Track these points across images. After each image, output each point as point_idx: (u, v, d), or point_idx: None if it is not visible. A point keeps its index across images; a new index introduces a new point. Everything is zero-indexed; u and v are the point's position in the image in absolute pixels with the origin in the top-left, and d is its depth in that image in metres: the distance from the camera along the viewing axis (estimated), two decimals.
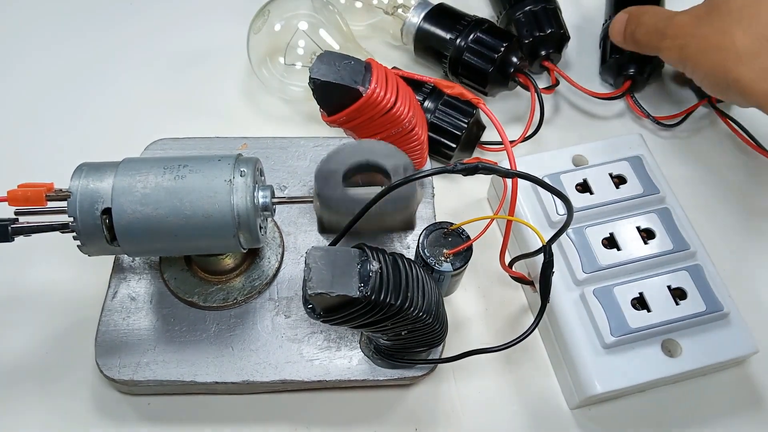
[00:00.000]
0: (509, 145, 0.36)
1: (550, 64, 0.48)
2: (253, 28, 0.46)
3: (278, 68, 0.46)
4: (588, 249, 0.38)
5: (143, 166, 0.32)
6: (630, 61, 0.48)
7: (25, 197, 0.31)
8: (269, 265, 0.38)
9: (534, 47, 0.48)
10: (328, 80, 0.34)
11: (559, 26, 0.48)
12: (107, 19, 0.54)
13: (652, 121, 0.48)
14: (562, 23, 0.49)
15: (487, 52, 0.46)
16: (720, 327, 0.36)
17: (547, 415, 0.37)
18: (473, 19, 0.47)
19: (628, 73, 0.48)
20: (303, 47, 0.46)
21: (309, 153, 0.43)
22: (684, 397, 0.38)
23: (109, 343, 0.36)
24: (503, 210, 0.41)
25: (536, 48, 0.48)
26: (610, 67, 0.49)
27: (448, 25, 0.47)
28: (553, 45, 0.48)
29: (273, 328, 0.37)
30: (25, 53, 0.52)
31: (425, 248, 0.35)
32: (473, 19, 0.47)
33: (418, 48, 0.49)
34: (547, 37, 0.48)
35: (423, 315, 0.30)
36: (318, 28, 0.46)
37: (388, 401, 0.38)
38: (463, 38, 0.46)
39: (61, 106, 0.49)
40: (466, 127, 0.43)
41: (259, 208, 0.32)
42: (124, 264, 0.38)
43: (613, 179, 0.40)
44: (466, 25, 0.46)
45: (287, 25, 0.46)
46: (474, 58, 0.46)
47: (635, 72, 0.48)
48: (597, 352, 0.35)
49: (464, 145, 0.45)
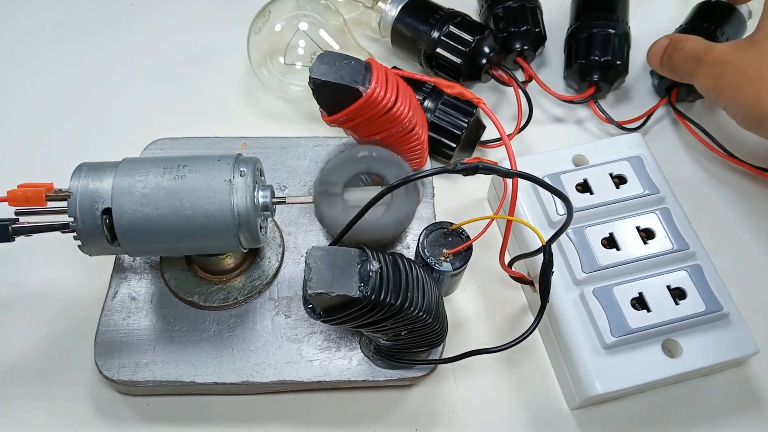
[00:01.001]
0: (510, 145, 0.36)
1: (522, 61, 0.49)
2: (254, 28, 0.46)
3: (278, 68, 0.46)
4: (588, 249, 0.38)
5: (143, 165, 0.32)
6: (595, 67, 0.47)
7: (25, 197, 0.31)
8: (269, 265, 0.38)
9: (508, 42, 0.48)
10: (328, 80, 0.34)
11: (536, 25, 0.49)
12: (107, 19, 0.54)
13: (615, 126, 0.48)
14: (540, 23, 0.49)
15: (459, 45, 0.46)
16: (720, 327, 0.36)
17: (548, 415, 0.37)
18: (447, 12, 0.47)
19: (593, 79, 0.48)
20: (303, 47, 0.46)
21: (309, 153, 0.43)
22: (684, 397, 0.38)
23: (109, 343, 0.36)
24: (503, 210, 0.41)
25: (510, 43, 0.48)
26: (575, 72, 0.49)
27: (423, 18, 0.47)
28: (528, 42, 0.48)
29: (273, 328, 0.37)
30: (26, 54, 0.52)
31: (425, 248, 0.35)
32: (447, 12, 0.47)
33: (395, 41, 0.49)
34: (521, 34, 0.48)
35: (423, 315, 0.30)
36: (318, 28, 0.46)
37: (388, 402, 0.38)
38: (437, 31, 0.46)
39: (61, 107, 0.49)
40: (467, 126, 0.43)
41: (259, 208, 0.32)
42: (124, 264, 0.38)
43: (613, 179, 0.40)
44: (439, 18, 0.47)
45: (288, 25, 0.46)
46: (446, 52, 0.46)
47: (599, 78, 0.47)
48: (597, 353, 0.35)
49: (464, 145, 0.45)
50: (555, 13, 0.53)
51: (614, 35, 0.47)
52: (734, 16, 0.48)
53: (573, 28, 0.50)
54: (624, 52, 0.48)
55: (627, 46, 0.48)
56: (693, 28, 0.48)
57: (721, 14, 0.48)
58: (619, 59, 0.47)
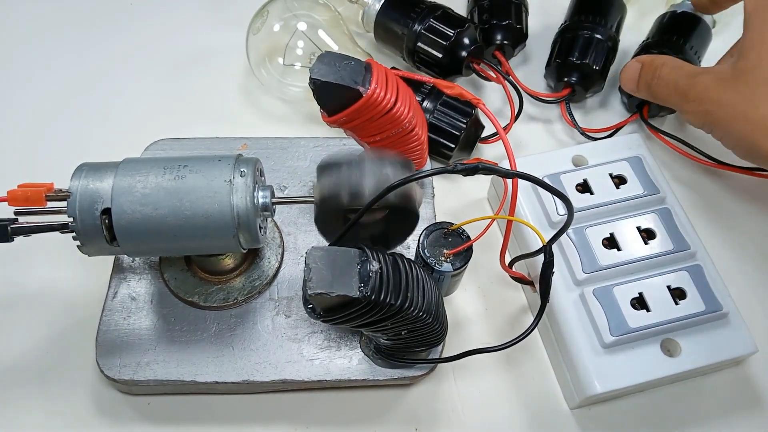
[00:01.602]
0: (509, 145, 0.36)
1: (500, 55, 0.49)
2: (252, 29, 0.46)
3: (277, 69, 0.46)
4: (588, 249, 0.38)
5: (143, 166, 0.32)
6: (572, 68, 0.47)
7: (25, 197, 0.31)
8: (269, 265, 0.38)
9: (488, 34, 0.48)
10: (328, 80, 0.34)
11: (518, 22, 0.49)
12: (107, 20, 0.54)
13: (579, 132, 0.47)
14: (523, 21, 0.49)
15: (439, 39, 0.46)
16: (719, 327, 0.36)
17: (547, 414, 0.37)
18: (428, 5, 0.47)
19: (570, 81, 0.47)
20: (302, 48, 0.46)
21: (309, 153, 0.43)
22: (683, 396, 0.38)
23: (110, 343, 0.36)
24: (503, 210, 0.41)
25: (491, 35, 0.48)
26: (553, 70, 0.49)
27: (404, 12, 0.47)
28: (508, 37, 0.48)
29: (273, 328, 0.37)
30: (26, 55, 0.52)
31: (425, 248, 0.35)
32: (428, 5, 0.47)
33: (378, 36, 0.49)
34: (503, 27, 0.48)
35: (423, 315, 0.30)
36: (317, 29, 0.46)
37: (388, 401, 0.38)
38: (418, 24, 0.46)
39: (61, 107, 0.49)
40: (465, 127, 0.44)
41: (259, 208, 0.32)
42: (124, 264, 0.39)
43: (613, 179, 0.40)
44: (420, 11, 0.47)
45: (286, 26, 0.46)
46: (426, 46, 0.46)
47: (576, 81, 0.47)
48: (596, 352, 0.35)
49: (463, 145, 0.45)
50: (544, 15, 0.54)
51: (598, 41, 0.47)
52: (699, 27, 0.47)
53: (563, 26, 0.49)
54: (605, 60, 0.47)
55: (611, 54, 0.48)
56: (660, 42, 0.47)
57: (686, 26, 0.47)
58: (597, 65, 0.46)
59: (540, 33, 0.53)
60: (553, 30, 0.50)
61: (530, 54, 0.53)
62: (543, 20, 0.54)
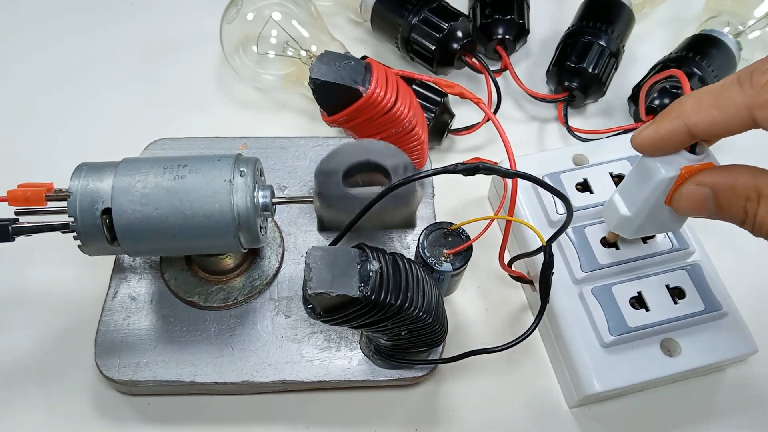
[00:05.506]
0: (509, 145, 0.36)
1: (501, 50, 0.49)
2: (226, 18, 0.46)
3: (252, 57, 0.46)
4: (587, 248, 0.38)
5: (143, 166, 0.32)
6: (571, 72, 0.47)
7: (25, 197, 0.31)
8: (269, 265, 0.38)
9: (490, 28, 0.49)
10: (328, 80, 0.34)
11: (521, 17, 0.49)
12: (107, 19, 0.54)
13: (568, 131, 0.47)
14: (525, 17, 0.49)
15: (433, 31, 0.46)
16: (719, 326, 0.36)
17: (547, 414, 0.37)
18: None
19: (569, 85, 0.47)
20: (275, 36, 0.46)
21: (309, 153, 0.43)
22: (683, 396, 0.38)
23: (109, 343, 0.36)
24: (503, 209, 0.41)
25: (492, 29, 0.49)
26: (554, 73, 0.49)
27: (401, 3, 0.48)
28: (510, 32, 0.49)
29: (273, 328, 0.37)
30: (25, 53, 0.52)
31: (425, 248, 0.35)
32: None
33: (375, 24, 0.50)
34: (505, 22, 0.48)
35: (423, 315, 0.30)
36: (290, 18, 0.46)
37: (388, 401, 0.38)
38: (413, 16, 0.47)
39: (60, 106, 0.49)
40: (434, 116, 0.44)
41: (259, 208, 0.32)
42: (124, 264, 0.38)
43: (613, 178, 0.40)
44: (416, 3, 0.47)
45: (259, 15, 0.46)
46: (420, 37, 0.47)
47: (576, 86, 0.47)
48: (596, 351, 0.35)
49: (432, 133, 0.45)
50: (555, 20, 0.54)
51: (601, 47, 0.47)
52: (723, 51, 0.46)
53: (569, 30, 0.50)
54: (606, 67, 0.47)
55: (614, 62, 0.48)
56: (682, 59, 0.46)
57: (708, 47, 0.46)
58: (597, 71, 0.46)
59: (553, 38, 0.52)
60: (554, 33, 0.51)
61: (538, 58, 0.53)
62: (554, 26, 0.54)
